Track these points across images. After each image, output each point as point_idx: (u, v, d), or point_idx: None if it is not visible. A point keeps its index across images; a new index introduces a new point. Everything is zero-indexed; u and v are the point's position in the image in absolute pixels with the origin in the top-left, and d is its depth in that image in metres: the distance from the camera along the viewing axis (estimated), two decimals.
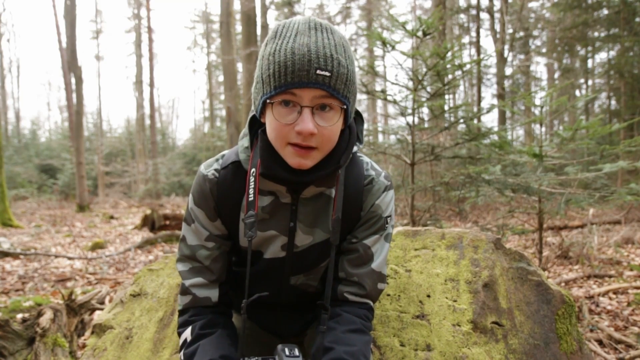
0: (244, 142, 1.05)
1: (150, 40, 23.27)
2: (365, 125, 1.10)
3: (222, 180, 1.05)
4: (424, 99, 3.81)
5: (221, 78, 26.54)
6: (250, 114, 1.04)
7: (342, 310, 1.06)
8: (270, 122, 0.93)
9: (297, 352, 0.94)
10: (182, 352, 1.04)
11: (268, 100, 0.90)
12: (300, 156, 0.91)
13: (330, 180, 1.03)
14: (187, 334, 1.04)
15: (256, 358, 0.94)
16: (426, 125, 4.52)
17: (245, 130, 1.06)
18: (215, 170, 1.06)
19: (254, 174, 0.99)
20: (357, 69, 0.97)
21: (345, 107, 0.91)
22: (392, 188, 1.12)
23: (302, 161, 0.92)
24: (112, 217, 11.96)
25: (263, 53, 0.92)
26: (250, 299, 1.01)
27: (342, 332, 1.01)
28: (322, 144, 0.92)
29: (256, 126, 1.04)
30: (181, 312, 1.10)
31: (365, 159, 1.13)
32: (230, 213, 1.07)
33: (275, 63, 0.87)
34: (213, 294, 1.08)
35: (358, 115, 1.07)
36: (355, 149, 1.04)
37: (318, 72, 0.85)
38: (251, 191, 0.99)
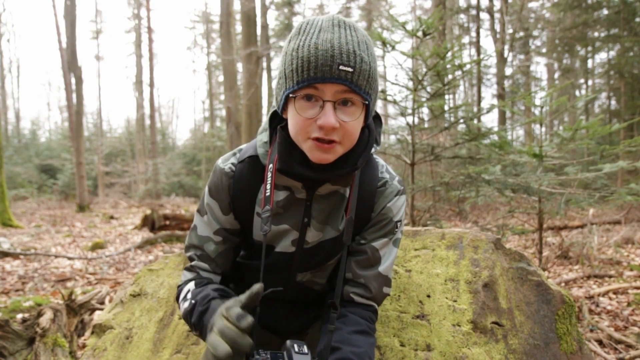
0: (262, 136, 1.05)
1: (150, 40, 23.32)
2: None
3: (239, 173, 1.07)
4: (424, 99, 3.81)
5: (221, 78, 26.53)
6: (271, 110, 1.04)
7: (348, 311, 1.07)
8: (292, 116, 0.93)
9: (305, 349, 0.94)
10: (181, 304, 1.07)
11: (291, 95, 0.90)
12: (322, 150, 0.92)
13: (346, 180, 1.04)
14: (190, 286, 1.09)
15: (266, 352, 0.94)
16: (426, 125, 4.51)
17: (264, 125, 1.06)
18: (232, 164, 1.08)
19: (271, 170, 1.00)
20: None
21: (366, 102, 0.92)
22: (405, 194, 1.13)
23: (323, 155, 0.92)
24: (112, 217, 11.96)
25: (287, 49, 0.92)
26: (265, 292, 1.02)
27: (348, 332, 1.02)
28: (343, 139, 0.92)
29: (276, 122, 1.04)
30: (183, 284, 1.12)
31: (381, 161, 1.14)
32: (245, 206, 1.08)
33: (299, 58, 0.88)
34: (215, 278, 1.12)
35: (377, 117, 1.08)
36: (372, 150, 1.05)
37: (341, 67, 0.86)
38: (268, 186, 1.00)
